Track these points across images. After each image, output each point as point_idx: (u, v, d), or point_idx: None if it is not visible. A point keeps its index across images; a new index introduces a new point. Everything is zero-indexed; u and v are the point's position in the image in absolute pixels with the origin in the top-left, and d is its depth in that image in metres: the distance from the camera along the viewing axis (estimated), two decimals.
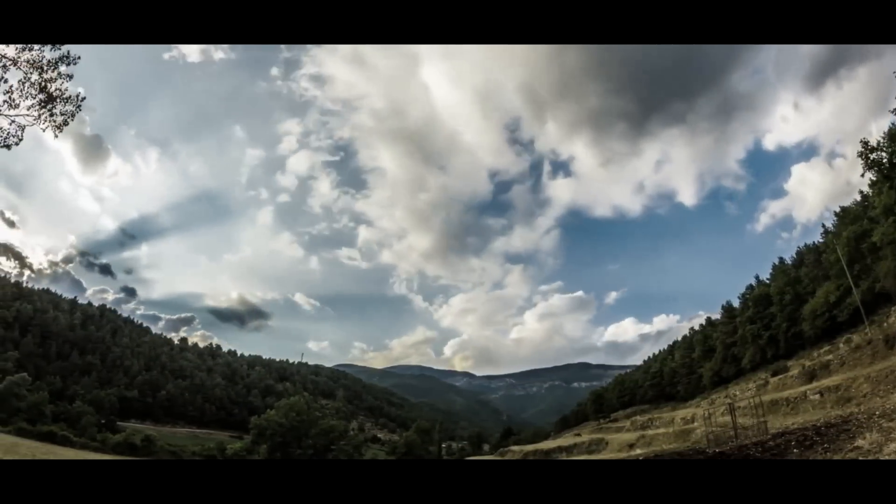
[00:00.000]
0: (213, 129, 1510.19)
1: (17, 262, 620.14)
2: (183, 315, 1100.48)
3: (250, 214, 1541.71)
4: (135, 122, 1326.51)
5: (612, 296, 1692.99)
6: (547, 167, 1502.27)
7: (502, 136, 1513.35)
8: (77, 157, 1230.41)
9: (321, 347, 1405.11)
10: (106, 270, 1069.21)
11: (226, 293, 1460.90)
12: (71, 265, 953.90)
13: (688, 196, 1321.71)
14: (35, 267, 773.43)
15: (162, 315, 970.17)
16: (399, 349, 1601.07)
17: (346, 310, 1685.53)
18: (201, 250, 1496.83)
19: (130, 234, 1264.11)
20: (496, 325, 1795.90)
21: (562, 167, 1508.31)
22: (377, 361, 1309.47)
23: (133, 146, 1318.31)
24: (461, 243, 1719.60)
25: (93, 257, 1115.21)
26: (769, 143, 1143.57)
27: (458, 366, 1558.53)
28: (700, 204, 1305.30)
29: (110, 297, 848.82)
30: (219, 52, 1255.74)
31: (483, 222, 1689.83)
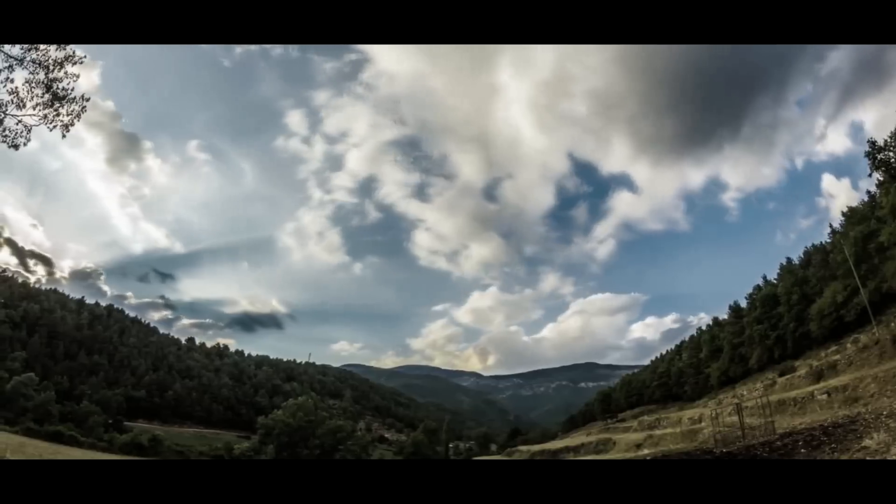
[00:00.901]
0: (264, 128, 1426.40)
1: (44, 266, 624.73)
2: (215, 321, 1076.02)
3: (299, 217, 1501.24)
4: (179, 122, 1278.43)
5: (649, 300, 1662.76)
6: (606, 181, 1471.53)
7: (565, 147, 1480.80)
8: (114, 158, 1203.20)
9: (348, 349, 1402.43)
10: (143, 277, 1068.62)
11: (263, 299, 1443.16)
12: (99, 269, 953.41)
13: (729, 210, 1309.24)
14: (66, 270, 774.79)
15: (188, 319, 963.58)
16: (423, 348, 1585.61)
17: (384, 312, 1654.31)
18: (242, 256, 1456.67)
19: (169, 238, 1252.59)
20: (529, 325, 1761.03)
21: (622, 182, 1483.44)
22: (390, 361, 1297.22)
23: (176, 148, 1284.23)
24: (520, 256, 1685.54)
25: (127, 262, 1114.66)
26: (807, 161, 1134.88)
27: (481, 367, 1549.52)
28: (741, 219, 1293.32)
29: (139, 302, 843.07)
30: (275, 49, 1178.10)
31: (541, 233, 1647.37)
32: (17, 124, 31.31)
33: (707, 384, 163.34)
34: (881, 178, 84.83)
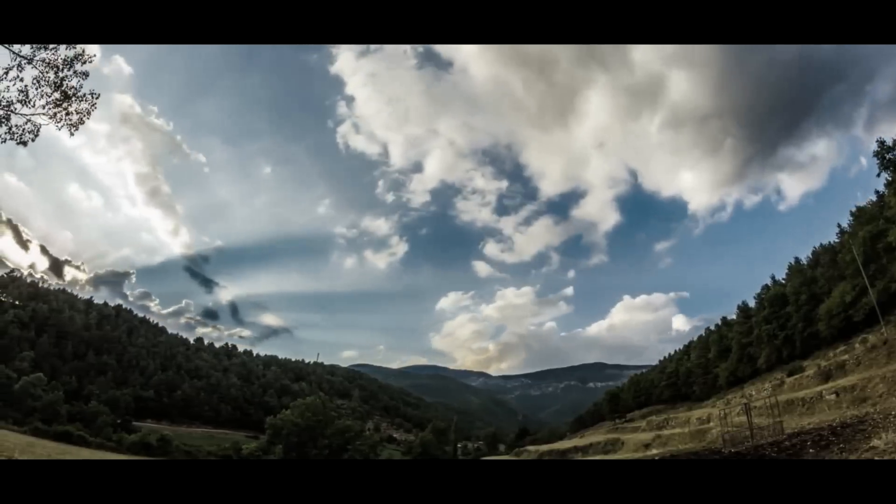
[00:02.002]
0: (329, 131, 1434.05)
1: (77, 270, 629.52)
2: (259, 332, 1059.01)
3: (361, 223, 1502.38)
4: (235, 123, 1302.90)
5: (693, 304, 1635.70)
6: (673, 201, 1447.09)
7: (636, 163, 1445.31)
8: (157, 159, 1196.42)
9: (377, 351, 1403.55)
10: (183, 285, 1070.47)
11: (304, 308, 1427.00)
12: (131, 271, 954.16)
13: (780, 224, 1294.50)
14: (97, 272, 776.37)
15: (226, 328, 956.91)
16: (443, 347, 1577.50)
17: (414, 322, 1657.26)
18: (290, 264, 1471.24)
19: (214, 242, 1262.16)
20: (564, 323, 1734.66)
21: (681, 203, 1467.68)
22: (399, 361, 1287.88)
23: (232, 150, 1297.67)
24: (583, 272, 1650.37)
25: (167, 265, 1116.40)
26: (853, 176, 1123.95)
27: (512, 364, 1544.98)
28: (790, 233, 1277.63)
29: (173, 308, 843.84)
30: (343, 50, 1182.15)
31: (604, 248, 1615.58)
32: (25, 122, 31.43)
33: (715, 384, 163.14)
34: (889, 178, 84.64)
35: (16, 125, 31.33)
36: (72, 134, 33.25)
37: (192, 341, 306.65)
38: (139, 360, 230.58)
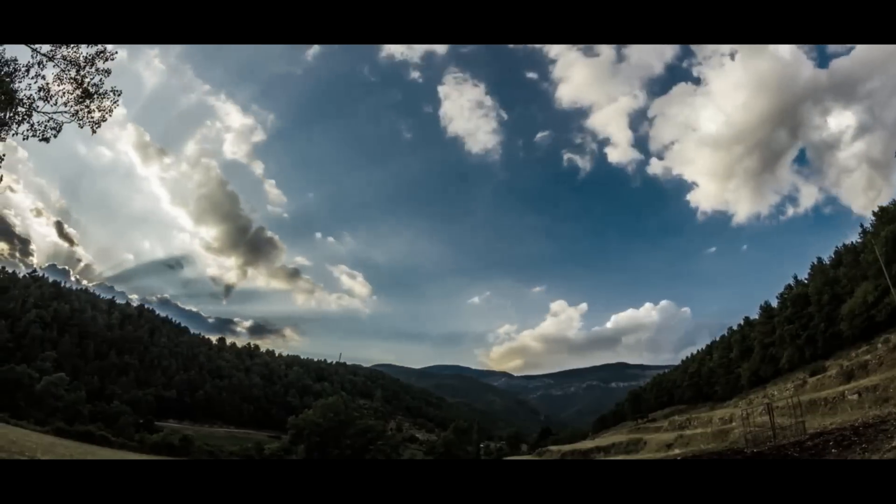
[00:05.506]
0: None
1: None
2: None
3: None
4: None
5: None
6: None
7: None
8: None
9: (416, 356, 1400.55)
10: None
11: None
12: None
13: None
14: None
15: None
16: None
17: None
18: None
19: None
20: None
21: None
22: (421, 361, 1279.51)
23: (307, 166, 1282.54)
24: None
25: None
26: None
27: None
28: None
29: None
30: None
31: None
32: (48, 120, 31.62)
33: (738, 384, 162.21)
34: None
35: (38, 122, 31.55)
36: (94, 132, 33.49)
37: (214, 341, 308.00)
38: (161, 360, 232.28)
